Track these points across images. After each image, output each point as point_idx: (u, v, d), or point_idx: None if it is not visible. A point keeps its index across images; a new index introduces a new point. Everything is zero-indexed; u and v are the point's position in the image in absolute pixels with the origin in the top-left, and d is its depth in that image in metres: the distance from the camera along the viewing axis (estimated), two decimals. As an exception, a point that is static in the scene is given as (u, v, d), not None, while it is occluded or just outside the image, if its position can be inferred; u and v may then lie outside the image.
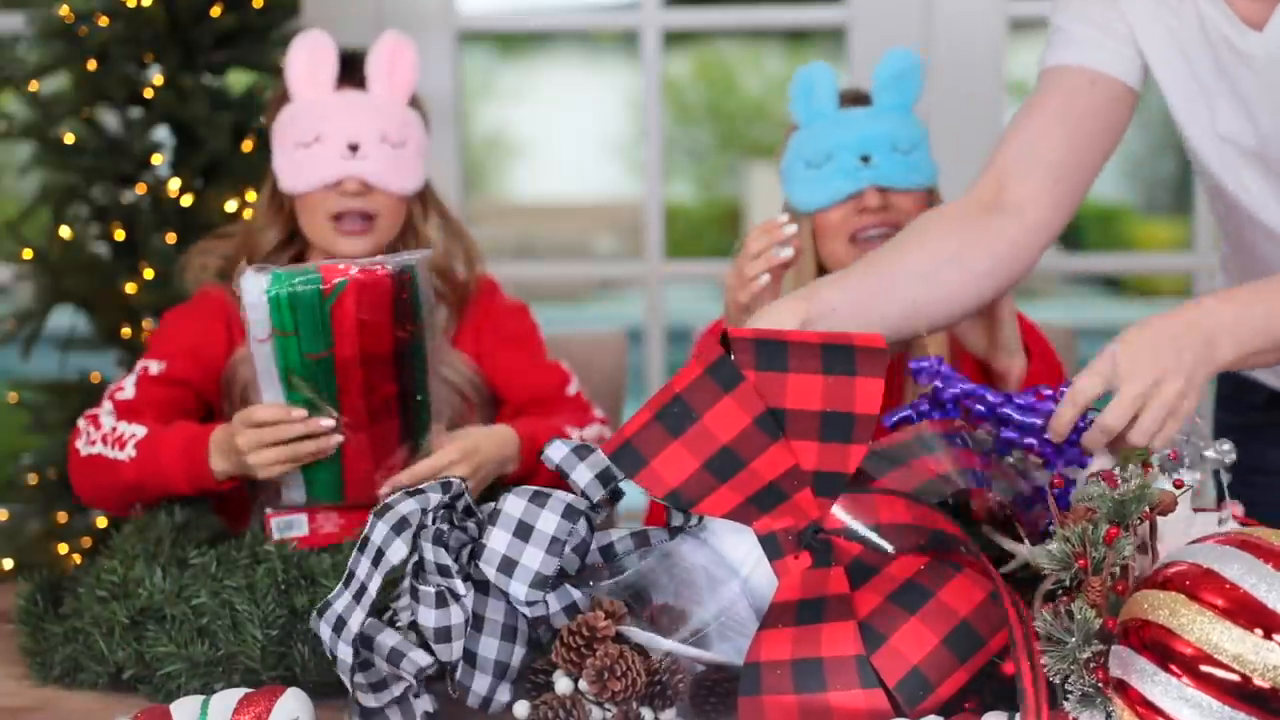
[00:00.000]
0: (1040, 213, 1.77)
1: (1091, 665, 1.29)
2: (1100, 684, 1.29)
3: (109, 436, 1.95)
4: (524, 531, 1.44)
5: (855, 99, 2.14)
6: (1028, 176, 1.77)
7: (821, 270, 2.16)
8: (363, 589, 1.41)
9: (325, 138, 2.03)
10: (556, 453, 1.50)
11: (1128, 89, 1.80)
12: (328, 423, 1.79)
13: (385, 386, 1.82)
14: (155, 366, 2.03)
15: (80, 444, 1.98)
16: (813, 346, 1.42)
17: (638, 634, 1.41)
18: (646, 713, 1.39)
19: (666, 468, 1.41)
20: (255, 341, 1.78)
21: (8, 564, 2.74)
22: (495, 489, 2.02)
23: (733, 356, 1.44)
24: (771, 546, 1.41)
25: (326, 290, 1.75)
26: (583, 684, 1.38)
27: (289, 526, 1.86)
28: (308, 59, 2.05)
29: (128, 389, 2.01)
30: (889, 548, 1.41)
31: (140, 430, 1.94)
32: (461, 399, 2.13)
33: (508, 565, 1.43)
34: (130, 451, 1.93)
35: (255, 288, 1.75)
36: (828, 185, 2.09)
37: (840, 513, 1.42)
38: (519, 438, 1.99)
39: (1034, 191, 1.77)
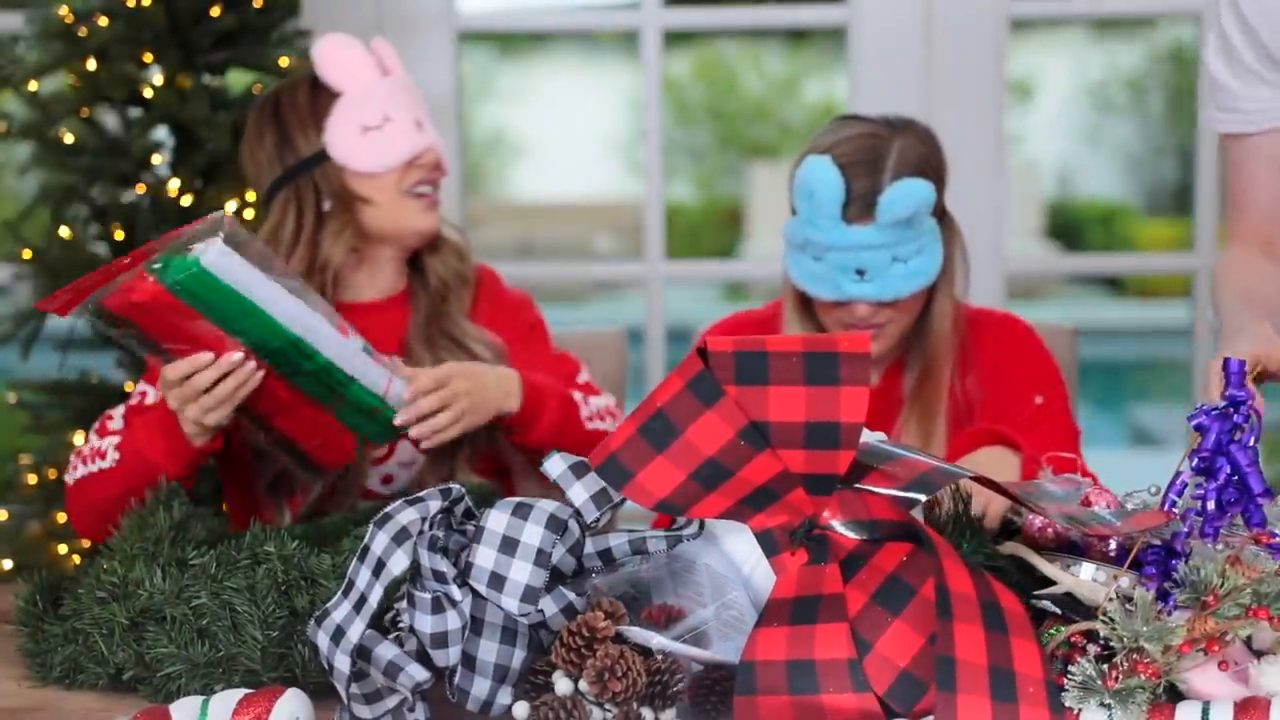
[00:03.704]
0: None
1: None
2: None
3: (89, 455, 1.97)
4: (509, 546, 1.43)
5: (864, 200, 2.03)
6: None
7: (820, 330, 2.15)
8: (362, 600, 1.40)
9: (395, 117, 2.07)
10: (555, 467, 1.49)
11: None
12: (235, 356, 1.82)
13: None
14: (153, 395, 2.02)
15: (70, 476, 2.00)
16: (795, 356, 1.41)
17: (637, 634, 1.41)
18: (647, 713, 1.39)
19: (652, 480, 1.40)
20: None
21: (7, 565, 2.74)
22: (496, 433, 2.08)
23: (712, 370, 1.43)
24: (768, 543, 1.41)
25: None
26: (583, 685, 1.38)
27: None
28: (347, 55, 2.09)
29: (116, 419, 2.01)
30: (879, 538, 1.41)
31: (115, 438, 1.95)
32: None
33: (497, 581, 1.42)
34: (113, 455, 1.94)
35: None
36: (821, 282, 2.06)
37: (833, 510, 1.42)
38: (521, 378, 2.04)
39: None
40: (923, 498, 1.42)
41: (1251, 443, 1.54)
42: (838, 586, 1.36)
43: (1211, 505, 1.52)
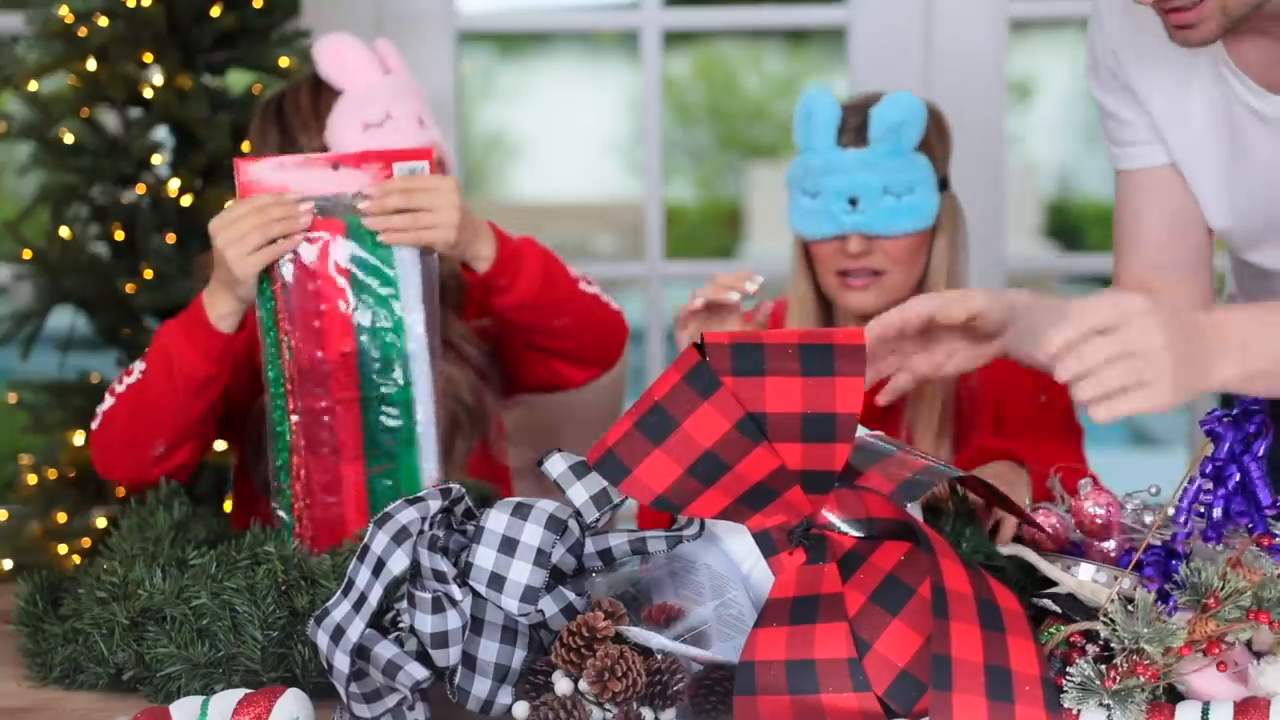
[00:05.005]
0: (1190, 295, 1.88)
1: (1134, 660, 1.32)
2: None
3: (115, 388, 1.99)
4: (509, 546, 1.43)
5: (857, 130, 2.11)
6: (1166, 278, 1.88)
7: (819, 293, 2.17)
8: (362, 599, 1.40)
9: (396, 115, 2.05)
10: (555, 467, 1.49)
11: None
12: (306, 205, 1.84)
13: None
14: None
15: (95, 424, 2.01)
16: (790, 347, 1.41)
17: (637, 634, 1.41)
18: (647, 713, 1.39)
19: (650, 475, 1.41)
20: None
21: (7, 565, 2.74)
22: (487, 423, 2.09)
23: (709, 362, 1.43)
24: (766, 544, 1.41)
25: None
26: (583, 684, 1.38)
27: None
28: (348, 53, 2.08)
29: (136, 372, 2.02)
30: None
31: (139, 358, 1.98)
32: (478, 376, 2.14)
33: (496, 581, 1.43)
34: (140, 367, 1.96)
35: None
36: (817, 221, 2.11)
37: (831, 508, 1.41)
38: (494, 232, 2.00)
39: (1177, 285, 1.88)
40: (918, 498, 1.42)
41: (1261, 453, 1.54)
42: (836, 586, 1.36)
43: (1218, 513, 1.51)
